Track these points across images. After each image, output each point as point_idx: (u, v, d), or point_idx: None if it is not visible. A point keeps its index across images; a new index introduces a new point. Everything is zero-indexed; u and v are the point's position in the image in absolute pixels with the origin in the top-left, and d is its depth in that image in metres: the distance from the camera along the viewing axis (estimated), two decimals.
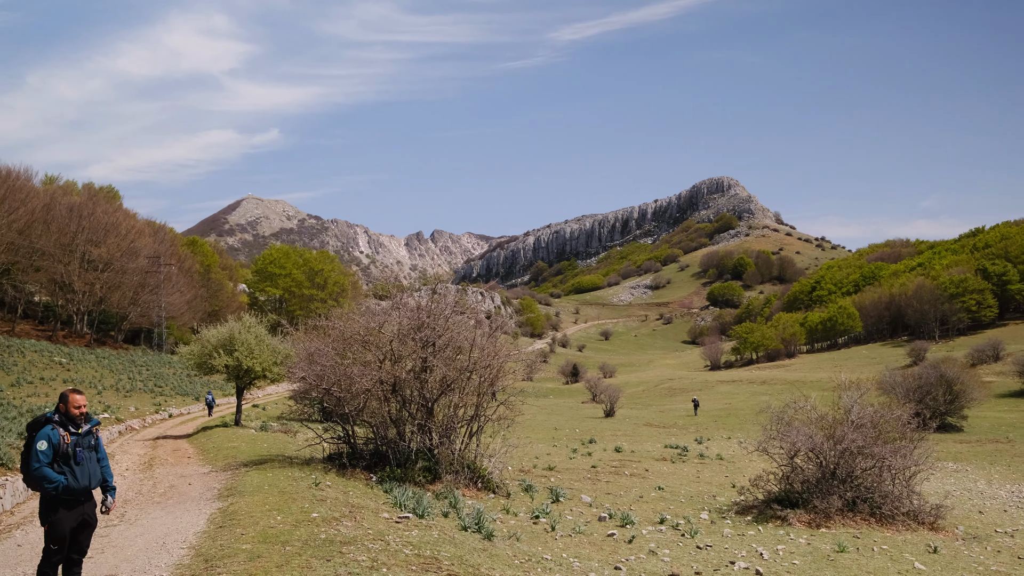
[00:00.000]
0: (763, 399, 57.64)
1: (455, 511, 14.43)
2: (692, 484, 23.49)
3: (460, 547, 11.40)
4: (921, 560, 14.64)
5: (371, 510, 13.18)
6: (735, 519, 17.56)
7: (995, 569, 14.52)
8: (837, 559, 14.17)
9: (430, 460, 17.85)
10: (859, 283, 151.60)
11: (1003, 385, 61.13)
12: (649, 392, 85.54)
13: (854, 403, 19.18)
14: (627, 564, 12.75)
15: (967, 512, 20.73)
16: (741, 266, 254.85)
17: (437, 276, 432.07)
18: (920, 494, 18.51)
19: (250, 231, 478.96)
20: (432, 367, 18.30)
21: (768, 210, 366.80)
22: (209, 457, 22.60)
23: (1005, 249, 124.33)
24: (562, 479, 22.57)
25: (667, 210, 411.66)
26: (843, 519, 17.30)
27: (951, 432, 43.64)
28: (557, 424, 49.07)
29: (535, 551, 12.71)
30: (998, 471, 30.25)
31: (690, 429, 47.35)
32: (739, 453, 32.93)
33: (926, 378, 45.18)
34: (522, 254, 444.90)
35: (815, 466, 18.37)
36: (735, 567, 13.13)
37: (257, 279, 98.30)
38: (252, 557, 9.26)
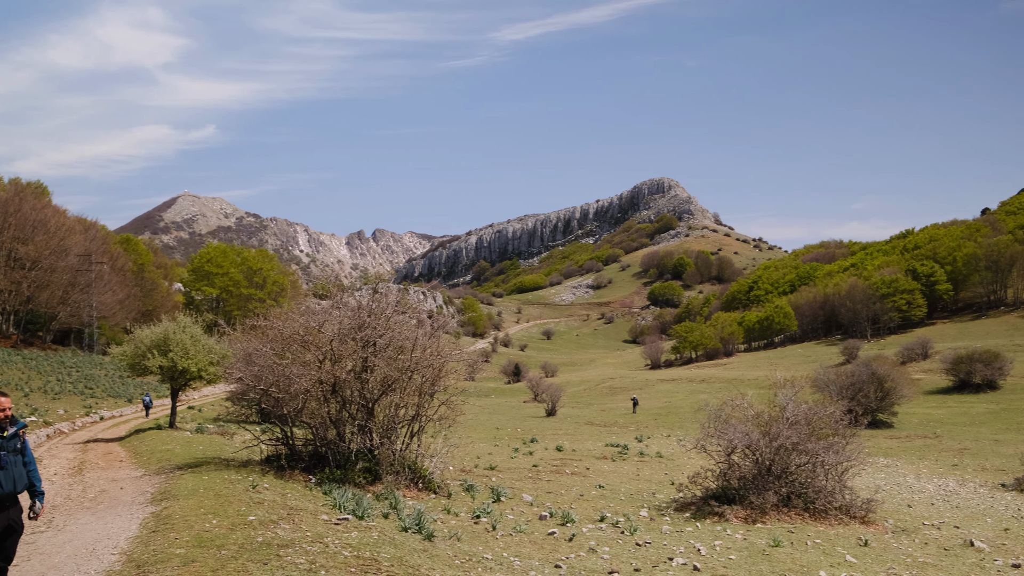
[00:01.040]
0: (702, 397, 58.36)
1: (395, 512, 14.35)
2: (632, 482, 23.68)
3: (400, 548, 11.34)
4: (852, 553, 14.95)
5: (310, 512, 13.05)
6: (674, 516, 17.75)
7: (922, 561, 14.89)
8: (772, 553, 14.40)
9: (370, 461, 17.73)
10: (795, 283, 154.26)
11: (931, 382, 62.62)
12: (590, 391, 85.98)
13: (789, 401, 19.50)
14: (567, 562, 12.80)
15: (896, 506, 21.21)
16: (681, 266, 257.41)
17: (378, 275, 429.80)
18: (852, 489, 18.89)
19: (186, 229, 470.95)
20: (373, 367, 18.17)
21: (707, 211, 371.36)
22: (142, 460, 22.17)
23: (933, 251, 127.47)
24: (503, 478, 22.59)
25: (609, 210, 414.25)
26: (778, 514, 17.58)
27: (882, 428, 44.61)
28: (499, 423, 49.12)
29: (476, 551, 12.71)
30: (926, 466, 31.01)
31: (630, 428, 47.73)
32: (678, 451, 33.29)
33: (858, 376, 46.10)
34: (464, 254, 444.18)
35: (751, 463, 18.63)
36: (673, 563, 13.26)
37: (193, 278, 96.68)
38: (186, 562, 9.11)
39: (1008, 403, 52.09)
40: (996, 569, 14.69)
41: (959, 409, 51.52)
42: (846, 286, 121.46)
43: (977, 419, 47.28)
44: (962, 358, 59.41)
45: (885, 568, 14.10)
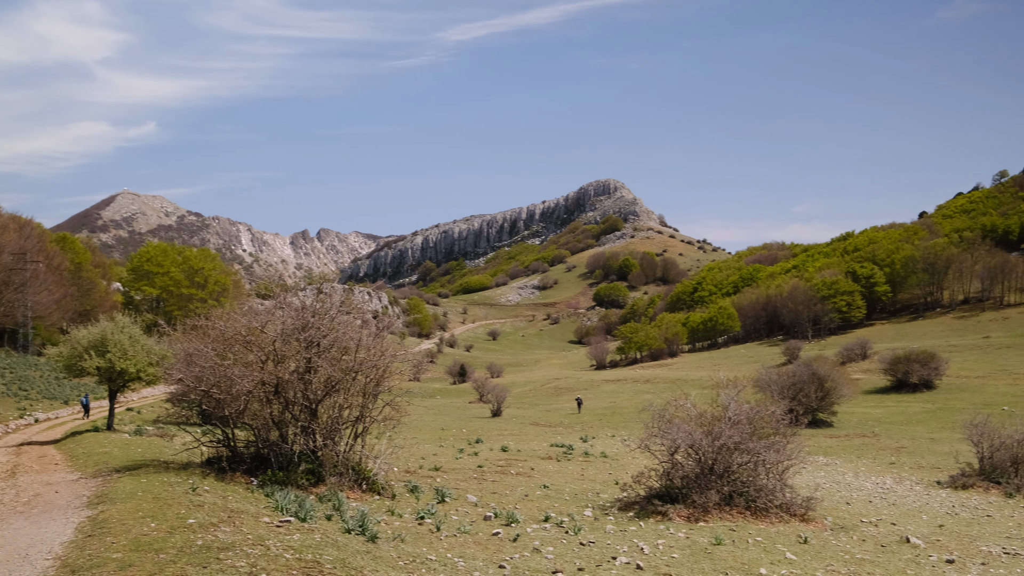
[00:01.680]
0: (646, 397, 58.82)
1: (339, 514, 14.24)
2: (577, 482, 23.76)
3: (343, 550, 11.25)
4: (792, 551, 15.17)
5: (251, 515, 12.89)
6: (618, 515, 17.85)
7: (860, 557, 15.16)
8: (714, 552, 14.55)
9: (314, 462, 17.57)
10: (738, 284, 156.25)
11: (870, 382, 63.83)
12: (536, 392, 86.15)
13: (731, 401, 19.73)
14: (511, 562, 12.80)
15: (836, 504, 21.57)
16: (626, 267, 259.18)
17: (323, 275, 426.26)
18: (792, 487, 19.17)
19: (125, 227, 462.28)
20: (317, 368, 18.00)
21: (653, 212, 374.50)
22: (79, 463, 21.70)
23: (873, 253, 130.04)
24: (448, 479, 22.54)
25: (555, 211, 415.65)
26: (720, 513, 17.77)
27: (822, 427, 45.33)
28: (444, 424, 49.00)
29: (420, 552, 12.66)
30: (864, 464, 31.57)
31: (575, 428, 47.91)
32: (623, 451, 33.49)
33: (799, 376, 46.76)
34: (410, 254, 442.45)
35: (694, 462, 18.81)
36: (616, 562, 13.34)
37: (133, 277, 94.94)
38: (123, 566, 8.94)
39: (944, 402, 53.28)
40: (931, 565, 15.01)
41: (897, 408, 52.56)
42: (788, 287, 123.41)
43: (914, 418, 48.27)
44: (900, 358, 60.61)
45: (824, 565, 14.32)
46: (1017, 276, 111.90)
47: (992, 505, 22.24)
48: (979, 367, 67.88)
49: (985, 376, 63.48)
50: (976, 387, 59.00)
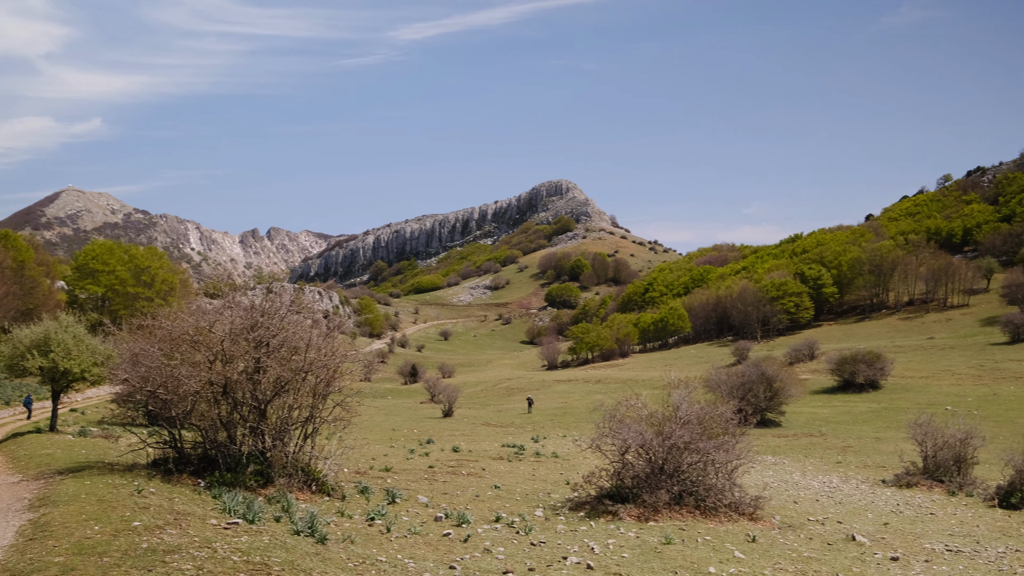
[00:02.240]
0: (597, 398, 59.01)
1: (287, 515, 14.09)
2: (528, 482, 23.78)
3: (292, 552, 11.13)
4: (741, 549, 15.32)
5: (198, 517, 12.70)
6: (568, 515, 17.88)
7: (807, 555, 15.36)
8: (664, 551, 14.64)
9: (262, 463, 17.37)
10: (689, 285, 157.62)
11: (817, 382, 64.76)
12: (487, 392, 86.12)
13: (682, 401, 19.86)
14: (462, 563, 12.77)
15: (783, 502, 21.83)
16: (578, 268, 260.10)
17: (273, 275, 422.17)
18: (741, 486, 19.36)
19: (70, 225, 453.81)
20: (266, 368, 17.80)
21: (605, 213, 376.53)
22: (20, 465, 21.21)
23: (820, 255, 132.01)
24: (399, 480, 22.42)
25: (507, 211, 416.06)
26: (670, 512, 17.89)
27: (770, 427, 45.88)
28: (395, 425, 48.76)
29: (370, 553, 12.57)
30: (812, 463, 32.00)
31: (527, 428, 47.97)
32: (574, 451, 33.58)
33: (749, 376, 47.26)
34: (362, 253, 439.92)
35: (645, 462, 18.91)
36: (567, 562, 13.36)
37: (77, 276, 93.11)
38: (65, 570, 8.75)
39: (889, 402, 54.21)
40: (876, 562, 15.25)
41: (843, 408, 53.37)
42: (738, 288, 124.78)
43: (860, 418, 49.04)
44: (846, 359, 61.56)
45: (771, 563, 14.48)
46: (960, 278, 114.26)
47: (935, 503, 22.67)
48: (923, 368, 69.21)
49: (929, 376, 64.73)
50: (920, 387, 60.12)
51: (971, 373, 64.69)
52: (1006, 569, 15.26)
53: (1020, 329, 78.19)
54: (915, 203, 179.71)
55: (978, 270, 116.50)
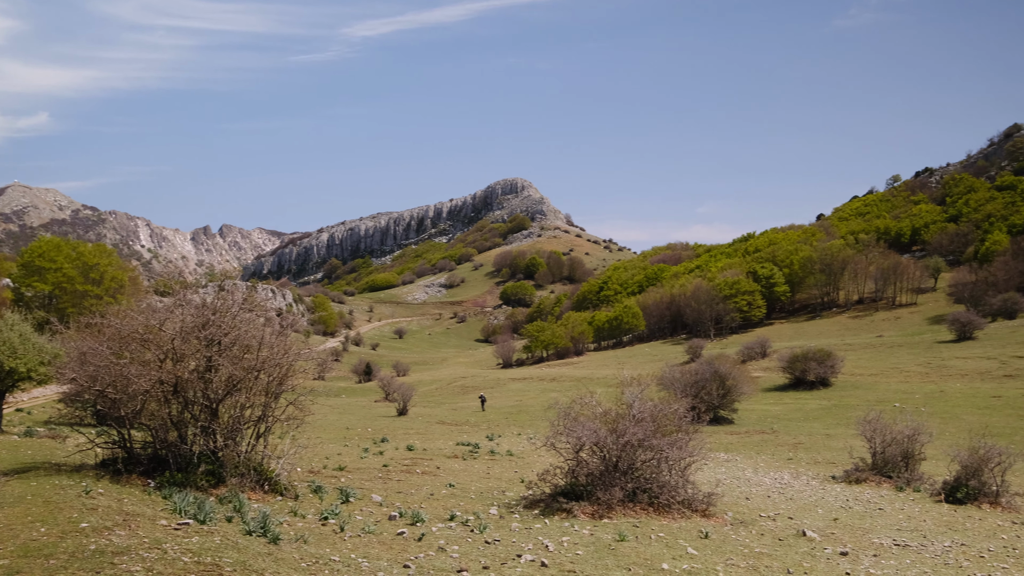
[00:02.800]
0: (552, 396, 59.22)
1: (240, 515, 13.95)
2: (483, 480, 23.77)
3: (244, 552, 11.02)
4: (693, 545, 15.46)
5: (148, 517, 12.53)
6: (523, 513, 17.91)
7: (758, 551, 15.54)
8: (618, 548, 14.73)
9: (214, 463, 17.16)
10: (643, 284, 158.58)
11: (769, 380, 65.52)
12: (442, 390, 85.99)
13: (635, 398, 19.98)
14: (416, 562, 12.73)
15: (735, 499, 22.05)
16: (533, 266, 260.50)
17: (225, 272, 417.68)
18: (694, 483, 19.53)
19: (16, 221, 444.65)
20: (217, 366, 17.59)
21: (560, 212, 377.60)
22: None
23: (772, 254, 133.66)
24: (353, 479, 22.29)
25: (462, 209, 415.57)
26: (624, 509, 17.99)
27: (723, 424, 46.34)
28: (349, 423, 48.46)
29: (323, 553, 12.49)
30: (763, 460, 32.39)
31: (482, 426, 47.96)
32: (528, 449, 33.65)
33: (702, 374, 47.68)
34: (316, 251, 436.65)
35: (599, 459, 18.99)
36: (522, 560, 13.38)
37: (23, 273, 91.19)
38: (11, 573, 8.58)
39: (839, 399, 55.04)
40: (826, 557, 15.48)
41: (794, 405, 54.09)
42: (691, 287, 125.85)
43: (811, 415, 49.73)
44: (797, 357, 62.37)
45: (724, 559, 14.63)
46: (909, 277, 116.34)
47: (884, 498, 23.07)
48: (872, 365, 70.36)
49: (878, 374, 65.84)
50: (869, 384, 61.11)
51: (919, 371, 65.92)
52: (951, 562, 15.58)
53: (966, 327, 79.79)
54: (865, 203, 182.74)
55: (926, 269, 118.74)
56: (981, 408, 48.76)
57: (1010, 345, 72.65)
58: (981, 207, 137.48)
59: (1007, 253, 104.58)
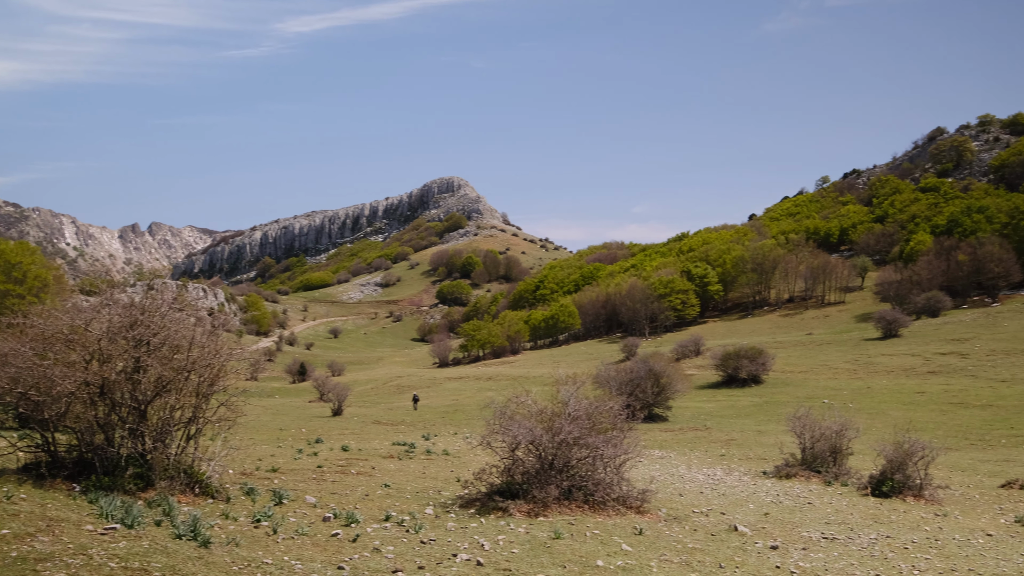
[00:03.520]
0: (488, 395, 59.30)
1: (169, 519, 13.67)
2: (419, 480, 23.66)
3: (173, 556, 10.80)
4: (628, 542, 15.58)
5: (73, 523, 12.21)
6: (459, 512, 17.86)
7: (691, 546, 15.73)
8: (553, 545, 14.77)
9: (142, 466, 16.80)
10: (579, 283, 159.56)
11: (703, 377, 66.42)
12: (378, 390, 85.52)
13: (571, 396, 20.06)
14: (351, 563, 12.62)
15: (669, 495, 22.28)
16: (470, 265, 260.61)
17: (155, 271, 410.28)
18: (629, 480, 19.67)
19: None
20: (146, 367, 17.21)
21: (496, 211, 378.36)
22: None
23: (706, 253, 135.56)
24: (286, 480, 22.01)
25: (398, 208, 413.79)
26: (560, 507, 18.04)
27: (658, 422, 46.85)
28: (283, 424, 47.90)
29: (255, 556, 12.30)
30: (697, 456, 32.80)
31: (418, 426, 47.78)
32: (465, 448, 33.61)
33: (637, 372, 48.14)
34: (248, 249, 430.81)
35: (535, 458, 19.02)
36: (457, 559, 13.34)
37: None
38: None
39: (770, 396, 56.01)
40: (757, 551, 15.72)
41: (727, 402, 54.89)
42: (627, 286, 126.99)
43: (743, 411, 50.54)
44: (730, 355, 63.34)
45: (657, 555, 14.76)
46: (837, 276, 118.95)
47: (813, 493, 23.52)
48: (802, 362, 71.78)
49: (807, 371, 67.18)
50: (799, 381, 62.32)
51: (847, 367, 67.43)
52: (877, 554, 15.94)
53: (892, 325, 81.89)
54: (795, 203, 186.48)
55: (853, 268, 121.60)
56: (906, 404, 50.07)
57: (933, 342, 74.69)
58: (906, 208, 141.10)
59: (930, 253, 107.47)
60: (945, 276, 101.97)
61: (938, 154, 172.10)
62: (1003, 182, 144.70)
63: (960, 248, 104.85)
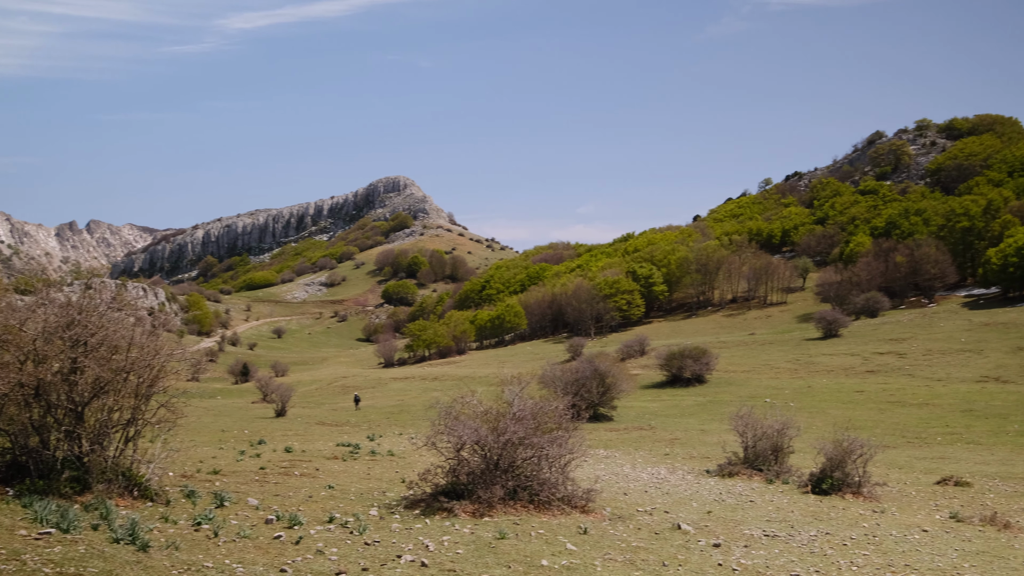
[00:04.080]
0: (434, 395, 59.09)
1: (106, 523, 13.39)
2: (363, 481, 23.50)
3: (110, 561, 10.60)
4: (572, 541, 15.63)
5: (6, 528, 11.91)
6: (404, 513, 17.77)
7: (635, 545, 15.83)
8: (498, 545, 14.77)
9: (79, 469, 16.44)
10: (525, 283, 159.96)
11: (647, 377, 66.94)
12: (322, 391, 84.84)
13: (516, 397, 20.08)
14: (293, 566, 12.49)
15: (614, 494, 22.40)
16: (416, 265, 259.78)
17: (93, 270, 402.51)
18: (574, 480, 19.74)
19: None
20: (83, 368, 16.85)
21: (442, 210, 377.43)
22: None
23: (651, 254, 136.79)
24: (228, 483, 21.71)
25: (344, 207, 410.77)
26: (505, 507, 18.04)
27: (603, 421, 47.10)
28: (225, 426, 47.27)
29: (196, 559, 12.11)
30: (641, 455, 33.02)
31: (363, 427, 47.47)
32: (410, 449, 33.44)
33: (582, 372, 48.34)
34: (191, 248, 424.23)
35: (480, 458, 19.00)
36: (402, 560, 13.28)
37: None
38: None
39: (713, 395, 56.64)
40: (700, 549, 15.87)
41: (671, 402, 55.38)
42: (572, 286, 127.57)
43: (687, 411, 51.03)
44: (674, 354, 63.91)
45: (602, 554, 14.83)
46: (779, 277, 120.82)
47: (755, 491, 23.81)
48: (745, 362, 72.74)
49: (750, 370, 68.09)
50: (742, 381, 63.13)
51: (788, 367, 68.49)
52: (817, 551, 16.20)
53: (832, 325, 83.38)
54: (738, 205, 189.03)
55: (795, 269, 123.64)
56: (845, 402, 51.00)
57: (872, 342, 76.19)
58: (846, 210, 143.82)
59: (870, 254, 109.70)
60: (883, 277, 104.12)
61: (877, 157, 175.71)
62: (939, 185, 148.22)
63: (898, 250, 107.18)
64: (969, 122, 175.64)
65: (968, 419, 43.71)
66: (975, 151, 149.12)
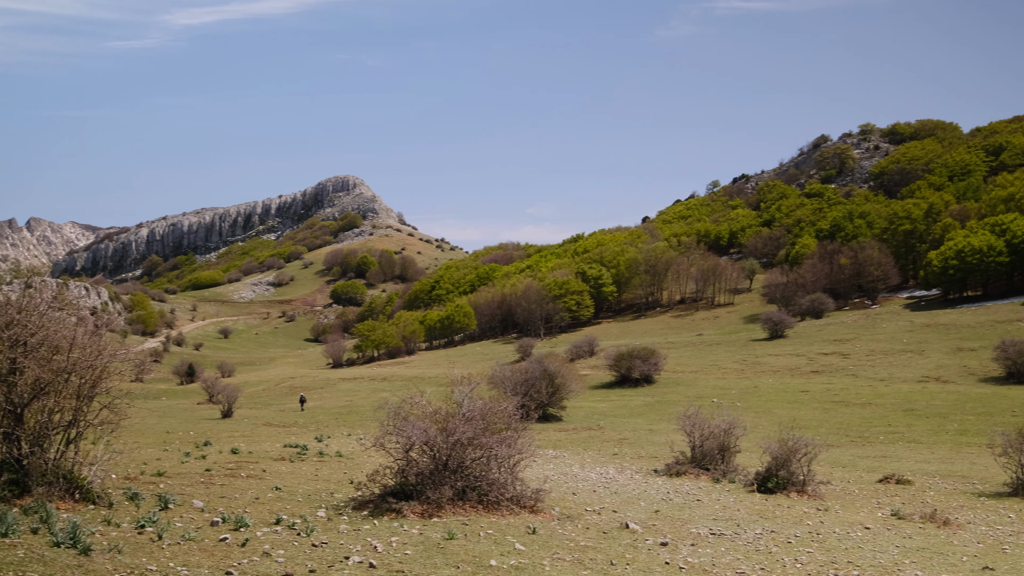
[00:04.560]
0: (383, 395, 58.82)
1: (46, 526, 13.12)
2: (311, 482, 23.31)
3: (50, 565, 10.39)
4: (521, 541, 15.66)
5: None
6: (352, 515, 17.66)
7: (584, 544, 15.91)
8: (447, 546, 14.74)
9: (18, 472, 16.09)
10: (475, 283, 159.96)
11: (597, 377, 67.28)
12: (270, 391, 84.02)
13: (465, 397, 20.07)
14: (239, 568, 12.35)
15: (563, 494, 22.48)
16: (365, 265, 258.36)
17: (33, 268, 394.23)
18: (523, 480, 19.76)
19: None
20: (23, 369, 16.50)
21: (392, 210, 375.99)
22: None
23: (600, 255, 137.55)
24: (173, 485, 21.39)
25: (292, 206, 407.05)
26: (454, 508, 18.01)
27: (552, 422, 47.24)
28: (170, 427, 46.58)
29: (139, 562, 11.92)
30: (590, 455, 33.17)
31: (310, 427, 47.09)
32: (358, 450, 33.26)
33: (532, 372, 48.43)
34: (135, 247, 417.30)
35: (429, 458, 18.95)
36: (349, 562, 13.20)
37: None
38: None
39: (661, 396, 57.10)
40: (647, 548, 15.99)
41: (620, 402, 55.72)
42: (522, 287, 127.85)
43: (635, 411, 51.37)
44: (623, 355, 64.30)
45: (550, 554, 14.88)
46: (727, 278, 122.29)
47: (702, 490, 24.06)
48: (693, 362, 73.47)
49: (698, 371, 68.79)
50: (690, 381, 63.74)
51: (735, 367, 69.32)
52: (762, 549, 16.41)
53: (778, 326, 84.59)
54: (687, 207, 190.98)
55: (742, 271, 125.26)
56: (791, 402, 51.74)
57: (817, 343, 77.41)
58: (792, 212, 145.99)
59: (815, 256, 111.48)
60: (828, 279, 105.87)
61: (822, 161, 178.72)
62: (882, 189, 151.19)
63: (842, 252, 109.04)
64: (911, 127, 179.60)
65: (909, 418, 44.60)
66: (917, 155, 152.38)
